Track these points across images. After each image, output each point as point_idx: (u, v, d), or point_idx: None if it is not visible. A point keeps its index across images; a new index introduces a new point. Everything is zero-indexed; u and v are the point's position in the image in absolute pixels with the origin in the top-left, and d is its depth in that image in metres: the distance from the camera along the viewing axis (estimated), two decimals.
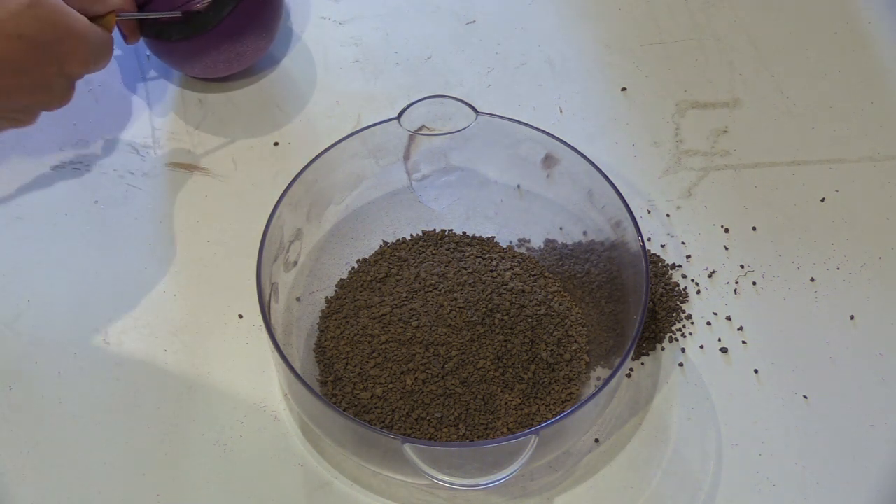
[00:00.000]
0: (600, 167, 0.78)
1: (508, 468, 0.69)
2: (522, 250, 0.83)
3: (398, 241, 0.83)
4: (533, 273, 0.81)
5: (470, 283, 0.79)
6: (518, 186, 0.84)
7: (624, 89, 0.92)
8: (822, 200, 0.87)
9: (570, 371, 0.77)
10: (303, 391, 0.71)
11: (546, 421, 0.75)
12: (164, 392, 0.78)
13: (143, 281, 0.82)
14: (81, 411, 0.78)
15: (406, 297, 0.79)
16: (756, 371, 0.80)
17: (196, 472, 0.76)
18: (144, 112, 0.90)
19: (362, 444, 0.72)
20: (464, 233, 0.84)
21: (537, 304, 0.78)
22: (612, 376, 0.72)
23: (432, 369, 0.75)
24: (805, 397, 0.79)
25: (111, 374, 0.79)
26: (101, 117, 0.89)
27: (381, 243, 0.83)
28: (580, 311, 0.80)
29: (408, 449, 0.69)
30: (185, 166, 0.87)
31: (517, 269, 0.81)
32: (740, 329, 0.81)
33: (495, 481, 0.70)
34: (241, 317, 0.81)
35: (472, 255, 0.82)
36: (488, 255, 0.82)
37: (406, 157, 0.83)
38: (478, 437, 0.75)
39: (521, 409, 0.76)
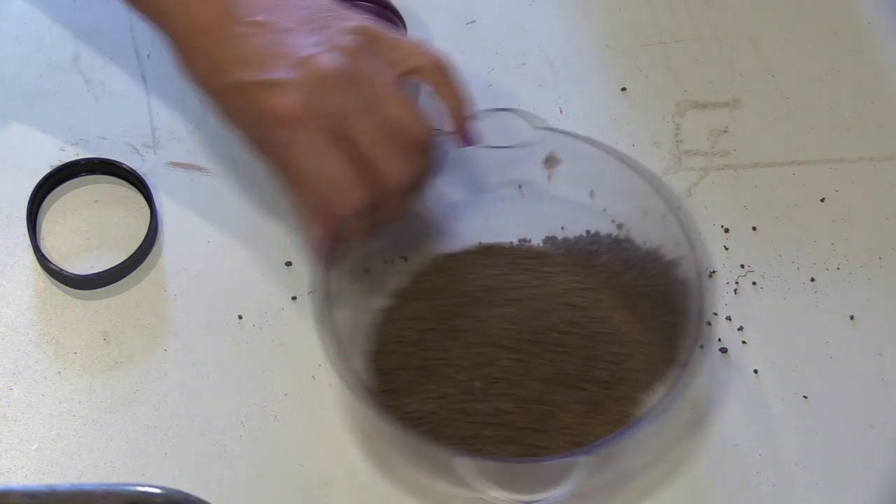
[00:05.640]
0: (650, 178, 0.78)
1: (560, 487, 0.69)
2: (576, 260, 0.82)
3: (451, 253, 0.82)
4: (589, 287, 0.80)
5: (524, 299, 0.78)
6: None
7: (624, 89, 0.92)
8: (822, 200, 0.86)
9: (627, 390, 0.76)
10: (360, 403, 0.71)
11: (602, 439, 0.73)
12: (163, 392, 0.79)
13: (143, 280, 0.82)
14: (81, 411, 0.78)
15: (459, 311, 0.78)
16: (756, 371, 0.80)
17: (196, 472, 0.76)
18: (144, 112, 0.90)
19: (415, 455, 0.72)
20: (519, 244, 0.82)
21: (594, 321, 0.77)
22: (670, 401, 0.71)
23: (485, 387, 0.75)
24: (805, 397, 0.79)
25: (111, 373, 0.79)
26: (100, 117, 0.89)
27: (436, 255, 0.82)
28: (640, 328, 0.78)
29: (461, 462, 0.68)
30: (185, 166, 0.87)
31: (573, 283, 0.79)
32: (740, 329, 0.81)
33: (547, 499, 0.69)
34: (240, 317, 0.81)
35: (526, 268, 0.80)
36: (543, 269, 0.80)
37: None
38: (531, 456, 0.74)
39: (576, 428, 0.74)
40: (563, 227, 0.83)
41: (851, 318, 0.82)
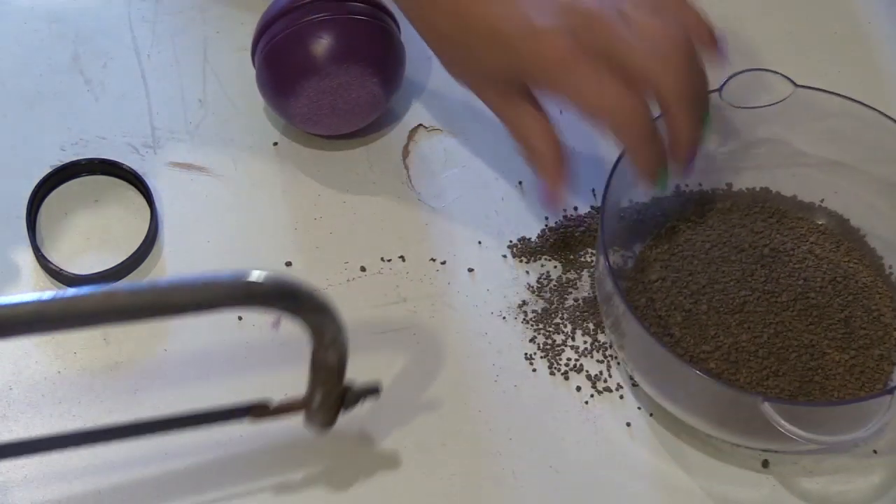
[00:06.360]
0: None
1: (857, 431, 0.69)
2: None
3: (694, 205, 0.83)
4: (836, 241, 0.81)
5: (773, 255, 0.79)
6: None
7: None
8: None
9: (887, 348, 0.77)
10: (660, 350, 0.71)
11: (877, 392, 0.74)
12: (164, 392, 0.79)
13: (143, 281, 0.83)
14: (81, 411, 0.78)
15: (705, 270, 0.78)
16: None
17: (196, 472, 0.76)
18: (144, 112, 0.90)
19: (703, 402, 0.72)
20: (757, 194, 0.84)
21: (845, 277, 0.78)
22: None
23: (745, 352, 0.75)
24: None
25: (111, 373, 0.79)
26: (100, 117, 0.89)
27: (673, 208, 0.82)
28: (881, 280, 0.79)
29: (768, 407, 0.68)
30: (185, 166, 0.88)
31: (820, 240, 0.81)
32: None
33: (847, 441, 0.71)
34: (240, 318, 0.81)
35: (765, 218, 0.82)
36: (787, 225, 0.82)
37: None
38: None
39: (841, 390, 0.75)
40: (794, 191, 0.84)
41: None
